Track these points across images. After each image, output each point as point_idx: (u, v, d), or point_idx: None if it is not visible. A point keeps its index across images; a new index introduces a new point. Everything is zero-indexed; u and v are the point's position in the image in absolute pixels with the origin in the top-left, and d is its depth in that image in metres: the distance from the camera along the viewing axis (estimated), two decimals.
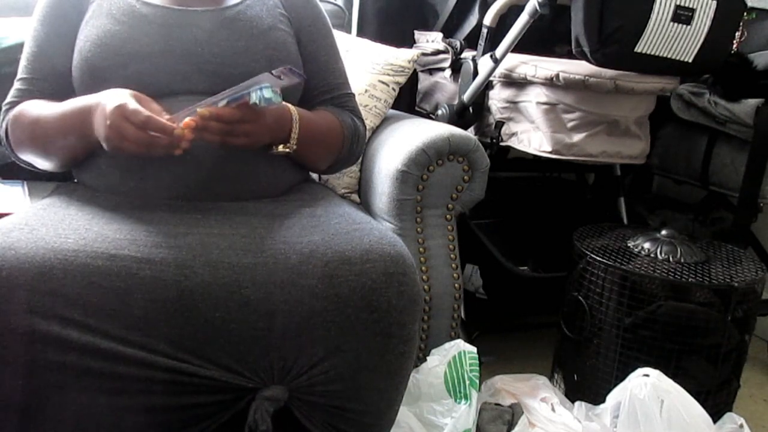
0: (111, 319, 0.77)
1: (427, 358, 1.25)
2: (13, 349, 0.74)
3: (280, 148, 1.01)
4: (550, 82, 1.44)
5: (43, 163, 1.06)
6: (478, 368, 1.20)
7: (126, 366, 0.77)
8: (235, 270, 0.83)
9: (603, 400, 1.25)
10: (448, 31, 1.80)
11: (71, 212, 0.91)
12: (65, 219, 0.88)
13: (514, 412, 1.27)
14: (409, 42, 1.86)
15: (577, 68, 1.42)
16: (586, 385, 1.40)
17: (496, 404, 1.30)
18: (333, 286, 0.83)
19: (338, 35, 1.31)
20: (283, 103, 1.00)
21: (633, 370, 1.23)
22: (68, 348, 0.75)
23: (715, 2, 1.38)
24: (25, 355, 0.75)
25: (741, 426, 1.27)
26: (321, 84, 1.18)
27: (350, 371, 0.84)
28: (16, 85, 1.08)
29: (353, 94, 1.24)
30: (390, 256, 0.86)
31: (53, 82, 1.07)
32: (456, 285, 1.35)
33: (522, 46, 1.43)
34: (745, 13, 1.60)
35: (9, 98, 1.07)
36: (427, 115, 1.78)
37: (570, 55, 1.46)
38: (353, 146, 1.17)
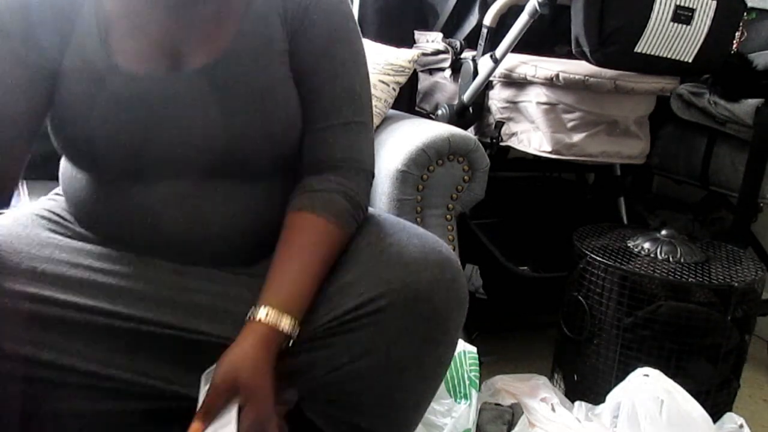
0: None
1: None
2: None
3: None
4: (550, 82, 1.44)
5: None
6: (478, 368, 1.20)
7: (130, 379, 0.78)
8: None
9: (603, 400, 1.25)
10: (448, 31, 1.80)
11: (55, 241, 0.84)
12: (47, 246, 0.82)
13: (514, 412, 1.27)
14: (409, 42, 1.86)
15: (577, 68, 1.42)
16: (586, 385, 1.40)
17: (496, 404, 1.30)
18: (381, 291, 0.76)
19: None
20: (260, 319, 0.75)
21: (633, 370, 1.23)
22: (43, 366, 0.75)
23: (715, 2, 1.38)
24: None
25: (741, 426, 1.27)
26: (313, 119, 0.86)
27: (377, 374, 0.78)
28: None
29: (350, 121, 0.87)
30: (438, 262, 0.79)
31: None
32: None
33: (522, 46, 1.43)
34: (745, 13, 1.60)
35: None
36: (427, 115, 1.78)
37: (570, 55, 1.46)
38: (352, 224, 0.85)
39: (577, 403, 1.30)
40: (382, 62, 1.51)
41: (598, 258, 1.36)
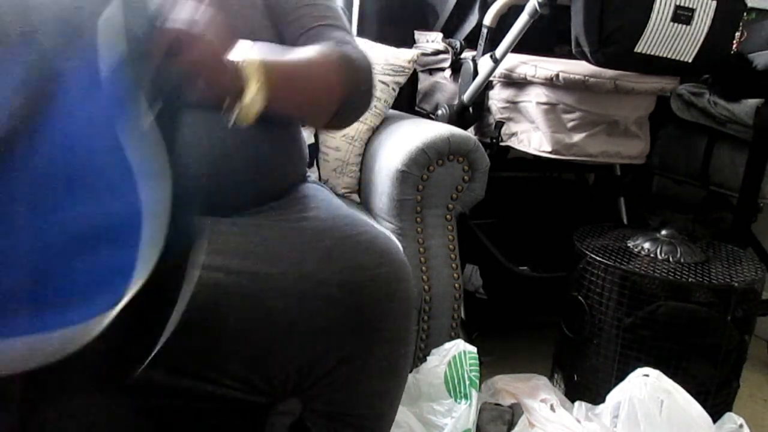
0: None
1: (427, 358, 1.25)
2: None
3: (247, 100, 0.72)
4: (550, 82, 1.44)
5: None
6: (478, 368, 1.20)
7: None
8: (255, 280, 0.79)
9: (603, 400, 1.26)
10: (448, 31, 1.80)
11: None
12: None
13: (514, 412, 1.27)
14: (409, 42, 1.86)
15: (577, 68, 1.42)
16: (586, 385, 1.40)
17: (496, 404, 1.30)
18: (351, 293, 0.80)
19: None
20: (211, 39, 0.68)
21: (633, 370, 1.23)
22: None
23: (715, 2, 1.38)
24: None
25: (741, 426, 1.27)
26: (294, 24, 0.96)
27: (357, 377, 0.82)
28: None
29: (340, 27, 0.99)
30: (398, 263, 0.84)
31: None
32: (456, 285, 1.35)
33: (522, 46, 1.43)
34: (745, 13, 1.60)
35: None
36: (427, 115, 1.78)
37: (570, 55, 1.46)
38: (352, 76, 0.92)
39: (577, 403, 1.30)
40: (382, 62, 1.51)
41: (598, 258, 1.36)
